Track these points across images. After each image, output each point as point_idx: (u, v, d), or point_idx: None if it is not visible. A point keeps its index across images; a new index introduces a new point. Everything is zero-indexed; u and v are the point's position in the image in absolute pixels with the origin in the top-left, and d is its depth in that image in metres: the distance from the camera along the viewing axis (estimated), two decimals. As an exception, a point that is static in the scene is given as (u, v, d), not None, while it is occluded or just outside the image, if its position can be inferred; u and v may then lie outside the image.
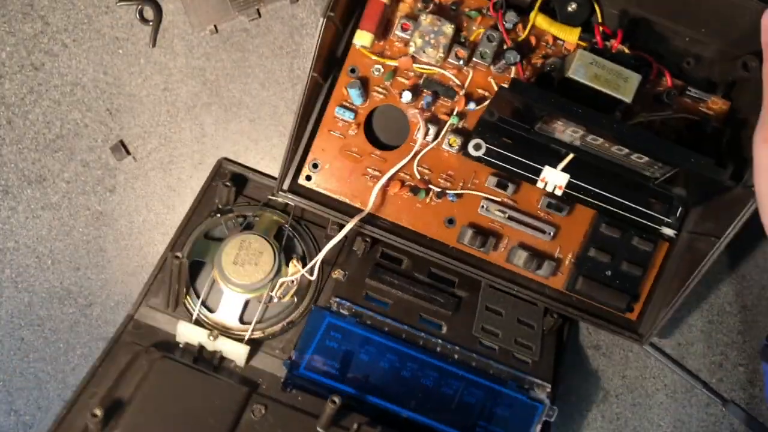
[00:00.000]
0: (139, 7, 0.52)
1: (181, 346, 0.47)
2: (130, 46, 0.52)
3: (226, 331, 0.48)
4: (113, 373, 0.45)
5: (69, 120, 0.53)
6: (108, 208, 0.53)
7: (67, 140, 0.53)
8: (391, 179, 0.47)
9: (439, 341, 0.47)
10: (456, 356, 0.47)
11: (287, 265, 0.51)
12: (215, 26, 0.52)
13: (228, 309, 0.49)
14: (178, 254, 0.47)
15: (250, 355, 0.47)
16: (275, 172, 0.53)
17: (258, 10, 0.52)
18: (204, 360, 0.47)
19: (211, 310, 0.49)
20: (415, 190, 0.47)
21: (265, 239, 0.49)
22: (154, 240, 0.54)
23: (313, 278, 0.50)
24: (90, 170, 0.53)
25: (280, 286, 0.50)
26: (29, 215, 0.53)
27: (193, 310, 0.48)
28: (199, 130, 0.53)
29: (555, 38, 0.46)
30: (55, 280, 0.54)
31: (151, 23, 0.52)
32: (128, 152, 0.53)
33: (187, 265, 0.48)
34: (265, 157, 0.54)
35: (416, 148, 0.46)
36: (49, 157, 0.53)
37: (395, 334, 0.47)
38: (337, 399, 0.43)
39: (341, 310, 0.47)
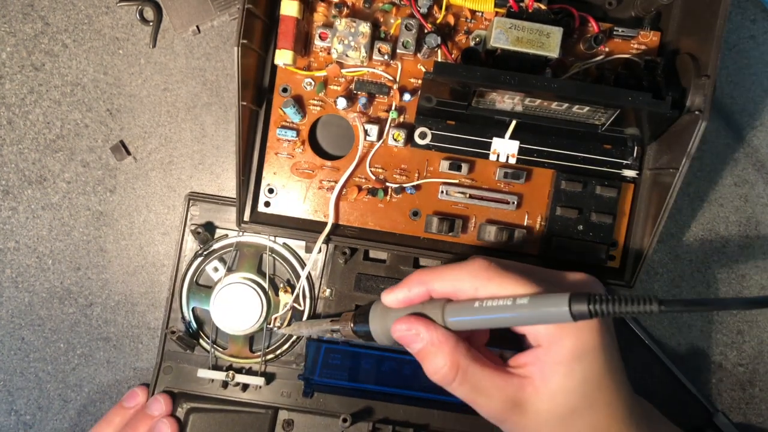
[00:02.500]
0: (139, 7, 0.52)
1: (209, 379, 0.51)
2: (130, 47, 0.53)
3: (240, 362, 0.51)
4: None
5: (69, 120, 0.53)
6: (108, 208, 0.53)
7: (67, 140, 0.53)
8: (347, 186, 0.47)
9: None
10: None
11: (277, 294, 0.52)
12: (198, 27, 0.52)
13: (236, 347, 0.51)
14: (174, 329, 0.50)
15: (268, 380, 0.51)
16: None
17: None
18: (230, 385, 0.51)
19: (224, 348, 0.51)
20: (373, 191, 0.47)
21: (247, 284, 0.49)
22: (154, 240, 0.54)
23: (303, 308, 0.51)
24: (90, 170, 0.53)
25: (275, 320, 0.51)
26: (29, 215, 0.53)
27: (207, 353, 0.51)
28: (199, 130, 0.53)
29: (473, 12, 0.46)
30: (55, 280, 0.53)
31: (151, 23, 0.52)
32: (128, 152, 0.53)
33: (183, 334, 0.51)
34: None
35: (359, 151, 0.46)
36: (50, 158, 0.53)
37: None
38: (348, 417, 0.46)
39: (334, 335, 0.49)
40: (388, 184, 0.47)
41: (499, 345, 0.41)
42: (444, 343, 0.36)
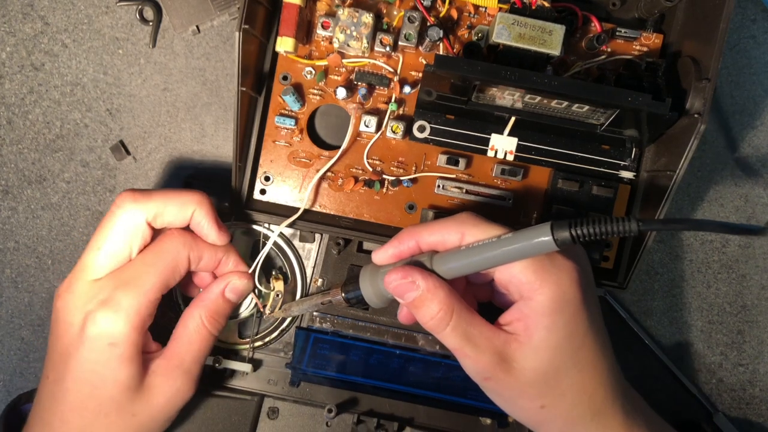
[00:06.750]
0: (139, 7, 0.51)
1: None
2: (130, 46, 0.52)
3: (229, 347, 0.51)
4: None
5: (69, 120, 0.52)
6: (107, 208, 0.52)
7: (67, 140, 0.52)
8: (345, 177, 0.47)
9: (420, 335, 0.49)
10: (438, 347, 0.48)
11: (269, 281, 0.51)
12: (197, 26, 0.52)
13: (225, 331, 0.51)
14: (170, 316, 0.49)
15: (255, 366, 0.50)
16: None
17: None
18: (217, 371, 0.50)
19: None
20: (369, 183, 0.47)
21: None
22: (152, 240, 0.54)
23: (295, 297, 0.51)
24: (90, 170, 0.53)
25: (265, 308, 0.50)
26: (29, 215, 0.53)
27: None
28: (198, 130, 0.53)
29: (476, 7, 0.46)
30: (55, 280, 0.53)
31: (151, 23, 0.52)
32: (128, 152, 0.53)
33: None
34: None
35: (345, 144, 0.46)
36: (49, 157, 0.52)
37: (378, 335, 0.49)
38: (333, 408, 0.46)
39: (323, 325, 0.49)
40: (384, 176, 0.47)
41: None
42: (439, 288, 0.37)
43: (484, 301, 0.42)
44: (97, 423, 0.40)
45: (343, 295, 0.42)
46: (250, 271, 0.46)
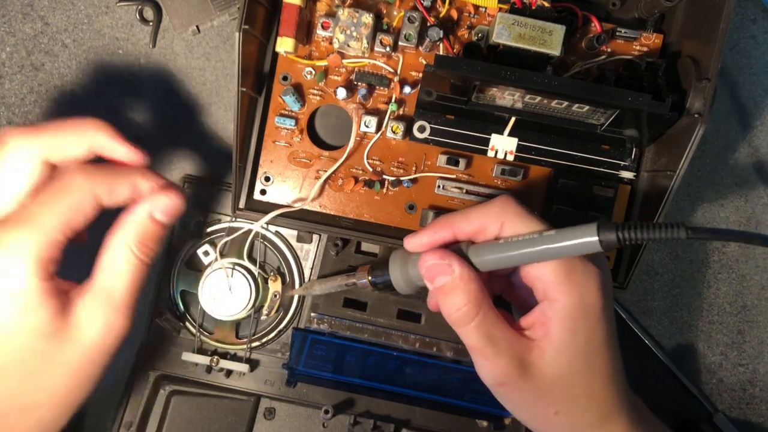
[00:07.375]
0: (139, 7, 0.52)
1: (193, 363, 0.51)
2: (130, 47, 0.52)
3: (226, 347, 0.51)
4: (139, 403, 0.50)
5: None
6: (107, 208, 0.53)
7: None
8: (345, 177, 0.47)
9: (417, 336, 0.49)
10: (434, 349, 0.49)
11: (266, 282, 0.52)
12: (197, 26, 0.52)
13: (222, 332, 0.51)
14: (161, 310, 0.50)
15: (252, 367, 0.51)
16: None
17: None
18: (213, 371, 0.51)
19: (210, 332, 0.51)
20: (370, 183, 0.47)
21: (238, 269, 0.49)
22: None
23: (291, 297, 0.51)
24: None
25: (263, 306, 0.50)
26: None
27: (193, 337, 0.51)
28: (199, 130, 0.53)
29: (476, 7, 0.46)
30: None
31: (150, 23, 0.52)
32: None
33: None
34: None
35: (350, 143, 0.46)
36: None
37: (375, 336, 0.49)
38: (330, 408, 0.46)
39: (321, 326, 0.49)
40: (385, 176, 0.47)
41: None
42: (472, 280, 0.35)
43: (497, 294, 0.41)
44: (25, 384, 0.35)
45: (370, 278, 0.40)
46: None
